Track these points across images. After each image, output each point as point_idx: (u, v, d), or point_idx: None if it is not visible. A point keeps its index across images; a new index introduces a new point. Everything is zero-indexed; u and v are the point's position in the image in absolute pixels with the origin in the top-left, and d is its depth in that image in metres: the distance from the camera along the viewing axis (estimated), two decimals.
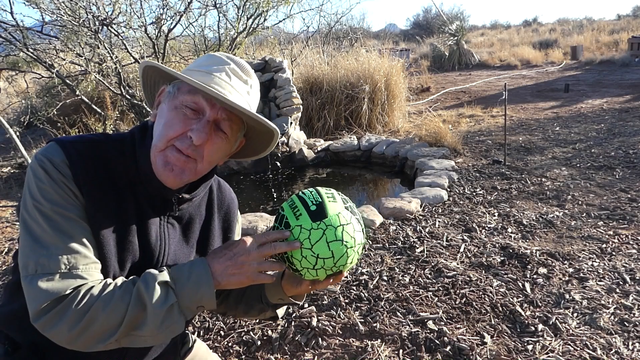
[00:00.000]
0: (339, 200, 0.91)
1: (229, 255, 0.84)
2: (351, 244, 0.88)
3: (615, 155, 4.34)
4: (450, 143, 4.79)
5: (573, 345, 1.76)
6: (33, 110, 6.06)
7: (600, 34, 18.64)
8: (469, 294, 2.12)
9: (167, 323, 0.78)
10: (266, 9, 5.83)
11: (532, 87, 9.61)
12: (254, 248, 0.84)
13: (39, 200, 0.78)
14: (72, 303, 0.75)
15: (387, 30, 26.35)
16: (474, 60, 14.37)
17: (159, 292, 0.78)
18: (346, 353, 1.76)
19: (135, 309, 0.76)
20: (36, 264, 0.75)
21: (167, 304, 0.78)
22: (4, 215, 3.55)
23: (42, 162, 0.80)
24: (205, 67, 0.87)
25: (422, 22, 30.95)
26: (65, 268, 0.76)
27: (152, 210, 0.90)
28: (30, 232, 0.77)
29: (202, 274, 0.82)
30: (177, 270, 0.83)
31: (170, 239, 0.93)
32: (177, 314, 0.80)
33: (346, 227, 0.87)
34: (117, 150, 0.87)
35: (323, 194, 0.90)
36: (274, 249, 0.85)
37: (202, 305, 0.83)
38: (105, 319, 0.75)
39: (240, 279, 0.84)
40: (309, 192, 0.92)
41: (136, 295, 0.77)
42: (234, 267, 0.83)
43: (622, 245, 2.58)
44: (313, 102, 6.08)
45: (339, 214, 0.88)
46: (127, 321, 0.76)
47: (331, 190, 0.94)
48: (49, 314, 0.74)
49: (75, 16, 4.63)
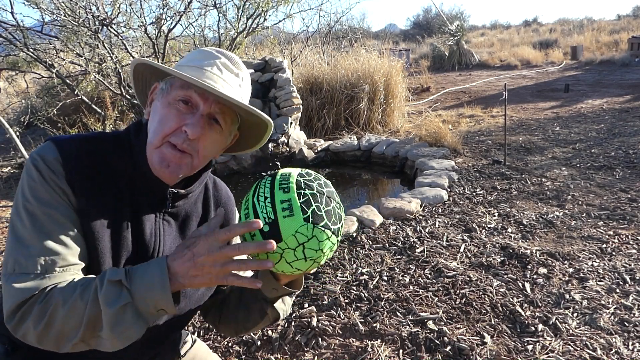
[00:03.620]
0: (297, 207, 0.78)
1: (189, 255, 0.76)
2: (318, 255, 0.80)
3: (615, 155, 4.34)
4: (450, 143, 4.79)
5: (573, 345, 1.76)
6: (33, 110, 6.07)
7: (600, 34, 18.63)
8: (469, 294, 2.12)
9: (121, 326, 0.73)
10: (266, 9, 5.83)
11: (532, 87, 9.61)
12: (216, 249, 0.75)
13: (27, 199, 0.78)
14: (36, 300, 0.74)
15: (387, 30, 26.33)
16: (474, 60, 14.36)
17: (111, 291, 0.74)
18: (346, 353, 1.76)
19: (93, 308, 0.73)
20: (14, 263, 0.76)
21: (118, 304, 0.73)
22: (4, 215, 3.55)
23: (36, 161, 0.80)
24: (196, 62, 0.88)
25: (422, 22, 30.94)
26: (41, 269, 0.75)
27: (148, 207, 0.90)
28: (14, 230, 0.78)
29: (156, 274, 0.75)
30: (134, 269, 0.77)
31: (165, 236, 0.93)
32: (131, 315, 0.74)
33: (307, 244, 0.78)
34: (114, 147, 0.88)
35: (277, 206, 0.78)
36: (238, 250, 0.75)
37: (162, 308, 0.76)
38: (65, 316, 0.73)
39: (203, 280, 0.76)
40: (262, 198, 0.80)
41: (93, 293, 0.74)
42: (194, 269, 0.75)
43: (622, 245, 2.58)
44: (313, 102, 6.08)
45: (295, 234, 0.77)
46: (86, 320, 0.73)
47: (288, 182, 0.81)
48: (18, 314, 0.74)
49: (75, 16, 4.63)
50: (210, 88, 0.81)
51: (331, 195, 0.84)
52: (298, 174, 0.84)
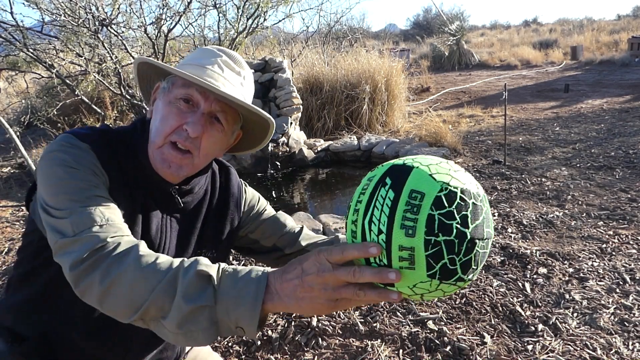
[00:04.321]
0: (421, 260, 0.57)
1: (298, 271, 0.64)
2: (439, 296, 0.63)
3: (615, 155, 4.34)
4: (450, 143, 4.79)
5: (573, 345, 1.76)
6: (33, 110, 6.06)
7: (600, 34, 18.63)
8: (469, 294, 2.12)
9: (190, 326, 0.64)
10: (265, 10, 5.84)
11: (532, 87, 9.61)
12: (328, 269, 0.63)
13: (70, 164, 0.78)
14: (109, 254, 0.68)
15: (387, 30, 26.34)
16: (474, 60, 14.36)
17: (195, 284, 0.65)
18: (346, 353, 1.76)
19: (168, 289, 0.65)
20: (72, 224, 0.72)
21: (197, 303, 0.63)
22: (4, 215, 3.55)
23: (67, 147, 0.80)
24: (197, 61, 0.88)
25: (422, 22, 30.95)
26: (101, 221, 0.73)
27: (155, 203, 0.90)
28: (60, 201, 0.75)
29: (251, 287, 0.64)
30: (229, 270, 0.67)
31: (172, 232, 0.93)
32: (206, 320, 0.64)
33: (427, 295, 0.62)
34: (123, 143, 0.89)
35: (394, 252, 0.58)
36: (353, 276, 0.62)
37: (241, 327, 0.64)
38: (133, 282, 0.65)
39: (309, 305, 0.64)
40: (376, 229, 0.61)
41: (173, 273, 0.66)
42: (302, 288, 0.63)
43: (622, 245, 2.58)
44: (313, 102, 6.08)
45: (413, 288, 0.60)
46: (154, 298, 0.65)
47: (417, 216, 0.57)
48: (87, 262, 0.68)
49: (74, 16, 4.63)
50: (210, 86, 0.81)
51: (478, 231, 0.59)
52: (435, 198, 0.57)
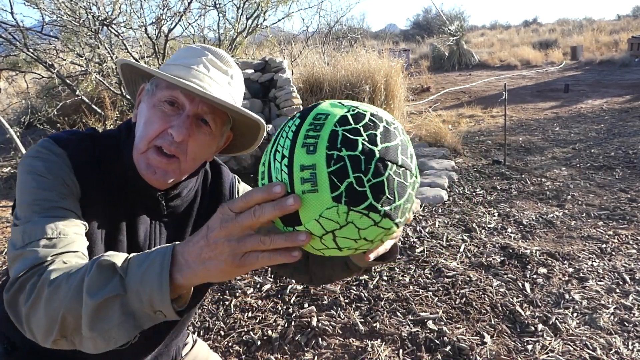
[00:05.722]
0: (323, 179, 0.49)
1: (203, 232, 0.57)
2: (360, 245, 0.54)
3: (615, 156, 4.34)
4: (450, 143, 4.79)
5: (573, 345, 1.77)
6: (33, 110, 6.06)
7: (600, 34, 18.62)
8: (469, 294, 2.12)
9: (103, 324, 0.57)
10: (265, 10, 5.84)
11: (532, 87, 9.61)
12: (230, 219, 0.54)
13: (40, 172, 0.76)
14: (36, 272, 0.64)
15: (387, 30, 26.37)
16: (473, 60, 14.36)
17: (98, 276, 0.58)
18: (346, 353, 1.76)
19: (76, 294, 0.58)
20: (23, 234, 0.69)
21: (103, 295, 0.57)
22: (4, 215, 3.55)
23: (41, 153, 0.78)
24: (182, 60, 0.84)
25: (422, 22, 30.93)
26: (53, 233, 0.68)
27: (143, 209, 0.87)
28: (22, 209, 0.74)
29: (156, 261, 0.57)
30: (142, 253, 0.61)
31: (161, 237, 0.91)
32: (118, 312, 0.57)
33: (339, 232, 0.51)
34: (109, 148, 0.85)
35: (295, 173, 0.51)
36: (254, 216, 0.53)
37: (159, 310, 0.58)
38: (48, 299, 0.60)
39: (216, 266, 0.55)
40: (280, 156, 0.54)
41: (80, 276, 0.59)
42: (207, 248, 0.56)
43: (622, 245, 2.58)
44: (313, 102, 6.03)
45: (319, 220, 0.51)
46: (65, 309, 0.58)
47: (319, 132, 0.52)
48: (16, 283, 0.63)
49: (75, 16, 4.63)
50: (194, 88, 0.77)
51: (390, 153, 0.52)
52: (341, 116, 0.53)
